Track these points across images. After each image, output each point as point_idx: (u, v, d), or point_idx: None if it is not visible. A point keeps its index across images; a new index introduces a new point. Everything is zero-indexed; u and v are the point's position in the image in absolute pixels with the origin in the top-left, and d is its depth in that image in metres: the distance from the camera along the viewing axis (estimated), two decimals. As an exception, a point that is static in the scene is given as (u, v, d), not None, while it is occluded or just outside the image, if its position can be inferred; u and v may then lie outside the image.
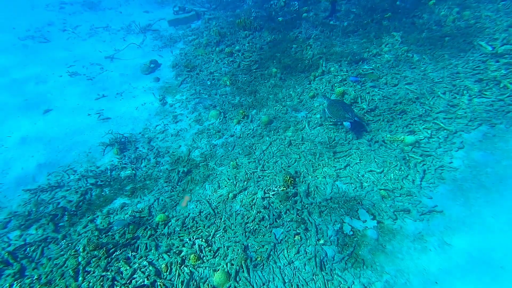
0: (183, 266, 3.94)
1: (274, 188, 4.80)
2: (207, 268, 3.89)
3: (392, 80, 6.57)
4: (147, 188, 5.28)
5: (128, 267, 3.96)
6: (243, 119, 6.51)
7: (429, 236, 3.96)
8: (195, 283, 3.76)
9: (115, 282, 3.84)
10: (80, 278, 3.90)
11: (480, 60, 6.35)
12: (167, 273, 3.89)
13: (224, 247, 4.10)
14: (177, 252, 4.07)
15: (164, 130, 6.68)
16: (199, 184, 5.25)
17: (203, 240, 4.16)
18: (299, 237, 4.06)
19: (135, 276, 3.90)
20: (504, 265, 3.51)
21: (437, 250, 3.79)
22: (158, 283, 3.77)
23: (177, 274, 3.85)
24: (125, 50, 10.10)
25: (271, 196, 4.72)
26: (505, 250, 3.63)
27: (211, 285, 3.71)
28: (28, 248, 4.48)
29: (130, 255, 4.11)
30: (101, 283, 3.79)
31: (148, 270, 3.93)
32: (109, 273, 3.91)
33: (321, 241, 4.01)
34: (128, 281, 3.82)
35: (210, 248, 4.09)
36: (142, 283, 3.75)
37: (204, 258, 3.98)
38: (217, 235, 4.28)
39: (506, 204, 4.10)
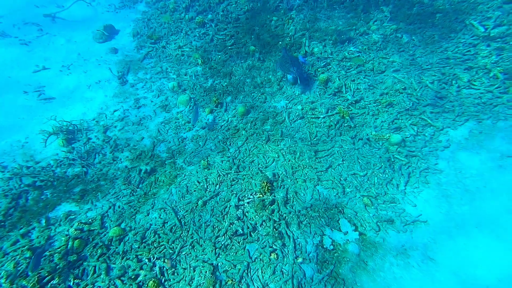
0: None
1: (249, 196, 4.28)
2: (170, 294, 3.43)
3: (379, 66, 5.99)
4: (101, 191, 4.53)
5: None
6: (216, 107, 5.73)
7: (412, 250, 3.73)
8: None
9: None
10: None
11: (471, 43, 5.90)
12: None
13: (190, 267, 3.61)
14: (133, 277, 3.52)
15: (124, 117, 5.75)
16: (164, 187, 4.59)
17: (165, 261, 3.63)
18: (275, 255, 3.66)
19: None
20: (489, 285, 3.36)
21: (420, 267, 3.58)
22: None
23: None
24: (71, 7, 8.36)
25: (246, 204, 4.21)
26: (489, 268, 3.48)
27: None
28: None
29: (72, 284, 3.47)
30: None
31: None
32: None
33: (299, 259, 3.64)
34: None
35: (173, 270, 3.59)
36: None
37: (166, 283, 3.48)
38: (183, 252, 3.77)
39: (490, 212, 3.92)
